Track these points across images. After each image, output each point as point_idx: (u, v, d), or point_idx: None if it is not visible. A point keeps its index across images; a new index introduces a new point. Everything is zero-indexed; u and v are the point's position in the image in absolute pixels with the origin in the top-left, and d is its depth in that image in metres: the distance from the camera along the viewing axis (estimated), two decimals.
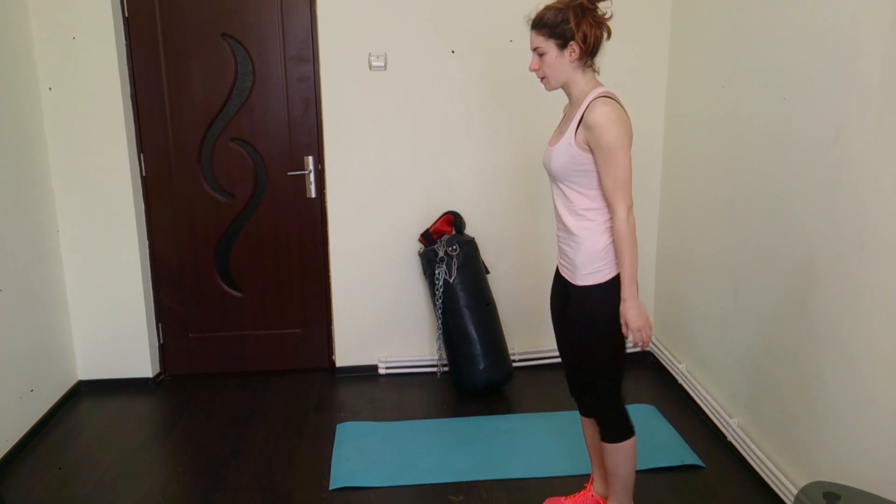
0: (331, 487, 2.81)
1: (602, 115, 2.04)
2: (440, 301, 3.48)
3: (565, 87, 2.20)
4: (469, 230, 3.74)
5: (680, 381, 3.58)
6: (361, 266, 3.76)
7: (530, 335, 3.90)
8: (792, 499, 2.53)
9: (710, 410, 3.24)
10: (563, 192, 2.21)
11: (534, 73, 2.21)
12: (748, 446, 2.88)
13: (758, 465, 2.80)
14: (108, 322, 3.67)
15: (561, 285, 2.34)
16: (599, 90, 2.13)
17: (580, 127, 2.10)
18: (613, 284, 2.18)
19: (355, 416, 3.39)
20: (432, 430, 3.23)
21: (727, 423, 3.06)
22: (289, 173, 3.71)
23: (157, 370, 3.84)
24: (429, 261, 3.54)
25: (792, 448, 2.62)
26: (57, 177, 3.50)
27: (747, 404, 2.95)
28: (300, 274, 3.83)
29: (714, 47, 3.17)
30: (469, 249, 3.55)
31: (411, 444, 3.11)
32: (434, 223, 3.63)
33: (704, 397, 3.30)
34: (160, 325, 3.84)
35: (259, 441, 3.19)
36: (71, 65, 3.39)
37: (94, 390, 3.71)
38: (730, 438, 3.04)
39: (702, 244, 3.34)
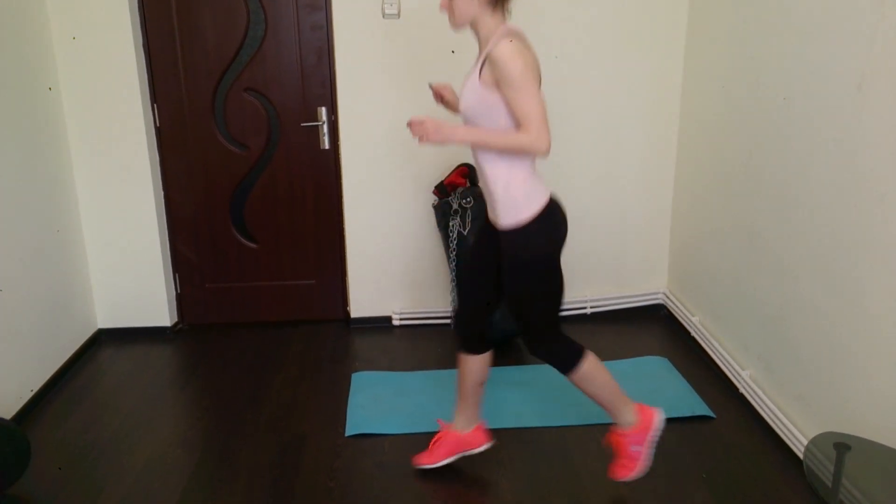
0: (346, 434, 2.86)
1: (505, 49, 2.02)
2: (454, 253, 3.49)
3: (473, 28, 2.17)
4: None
5: (693, 333, 3.59)
6: (375, 218, 3.77)
7: None
8: (802, 449, 2.56)
9: (722, 363, 3.25)
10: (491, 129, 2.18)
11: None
12: (759, 398, 2.90)
13: (769, 416, 2.83)
14: (126, 272, 3.71)
15: (488, 231, 2.35)
16: (506, 27, 2.12)
17: (485, 65, 2.08)
18: (537, 223, 2.18)
19: (370, 366, 3.43)
20: (445, 380, 3.26)
21: (739, 374, 3.07)
22: (302, 124, 3.69)
23: (175, 319, 3.90)
24: (443, 213, 3.53)
25: (803, 399, 2.63)
26: (72, 128, 3.50)
27: (760, 356, 2.95)
28: (314, 225, 3.85)
29: None
30: (482, 202, 3.53)
31: (425, 393, 3.15)
32: (448, 175, 3.61)
33: (717, 350, 3.31)
34: (177, 275, 3.88)
35: (275, 389, 3.24)
36: (84, 16, 3.36)
37: (114, 338, 3.78)
38: (741, 390, 3.06)
39: (717, 196, 3.31)
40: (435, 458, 2.60)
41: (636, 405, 2.44)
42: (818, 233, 2.50)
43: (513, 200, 2.19)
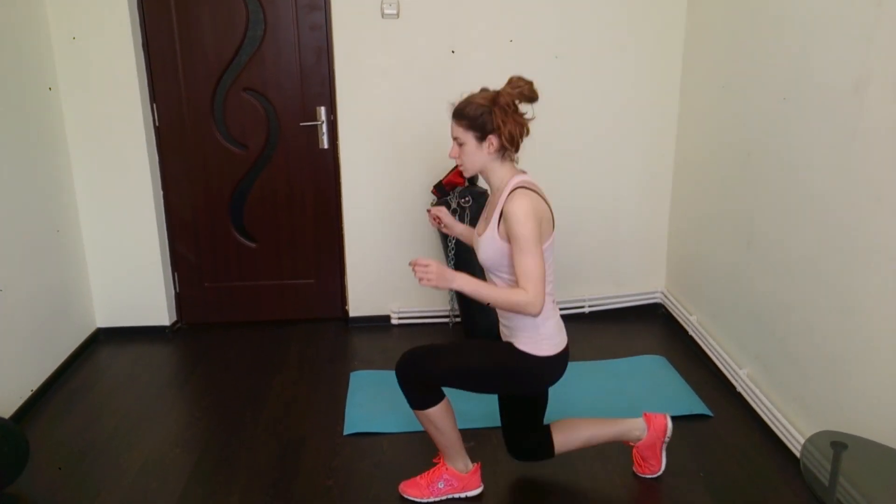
0: (345, 433, 2.87)
1: (518, 209, 2.08)
2: (452, 252, 3.50)
3: (483, 175, 2.25)
4: (482, 182, 3.73)
5: (691, 332, 3.60)
6: (374, 217, 3.77)
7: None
8: (799, 448, 2.56)
9: (719, 361, 3.26)
10: (495, 281, 2.26)
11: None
12: (757, 396, 2.91)
13: (766, 415, 2.83)
14: (125, 271, 3.72)
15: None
16: (517, 180, 2.18)
17: (501, 219, 2.15)
18: (547, 363, 2.24)
19: (368, 365, 3.44)
20: None
21: (737, 373, 3.08)
22: (301, 124, 3.70)
23: (174, 319, 3.90)
24: None
25: (800, 398, 2.64)
26: (71, 127, 3.50)
27: (757, 356, 2.96)
28: (314, 225, 3.85)
29: None
30: (482, 201, 3.54)
31: None
32: (447, 175, 3.61)
33: (715, 349, 3.32)
34: (176, 274, 3.88)
35: (274, 388, 3.25)
36: (84, 16, 3.36)
37: (113, 338, 3.78)
38: (739, 389, 3.06)
39: (715, 197, 3.32)
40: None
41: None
42: (816, 232, 2.50)
43: (535, 334, 2.24)
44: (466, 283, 2.13)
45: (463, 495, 2.47)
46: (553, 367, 2.28)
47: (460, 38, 3.55)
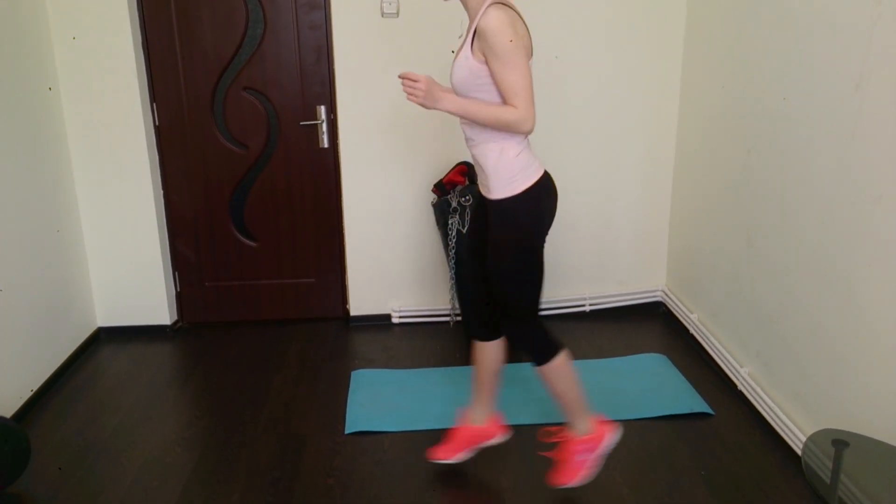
0: (346, 432, 2.87)
1: (494, 20, 1.98)
2: (453, 251, 3.49)
3: (462, 1, 2.14)
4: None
5: (692, 331, 3.60)
6: (375, 216, 3.77)
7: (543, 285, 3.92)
8: (801, 446, 2.56)
9: (720, 360, 3.26)
10: (478, 101, 2.16)
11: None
12: (758, 395, 2.91)
13: (767, 413, 2.83)
14: (126, 270, 3.72)
15: (481, 206, 2.32)
16: None
17: (475, 37, 2.05)
18: (529, 197, 2.16)
19: (369, 364, 3.44)
20: (445, 378, 3.27)
21: (738, 372, 3.08)
22: (301, 123, 3.70)
23: (175, 318, 3.90)
24: (442, 211, 3.54)
25: (802, 397, 2.64)
26: (72, 127, 3.50)
27: (758, 354, 2.96)
28: (314, 224, 3.85)
29: None
30: (477, 203, 3.54)
31: (424, 391, 3.16)
32: (447, 173, 3.62)
33: (716, 347, 3.32)
34: (177, 273, 3.88)
35: (275, 387, 3.25)
36: (84, 16, 3.36)
37: (114, 337, 3.78)
38: (740, 387, 3.06)
39: (716, 195, 3.32)
40: (451, 453, 2.58)
41: (595, 417, 2.44)
42: (816, 231, 2.50)
43: (507, 171, 2.16)
44: (453, 103, 2.08)
45: (603, 449, 2.44)
46: (538, 196, 2.19)
47: (461, 32, 3.55)
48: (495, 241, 2.24)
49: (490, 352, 2.47)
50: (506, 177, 2.16)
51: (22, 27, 3.15)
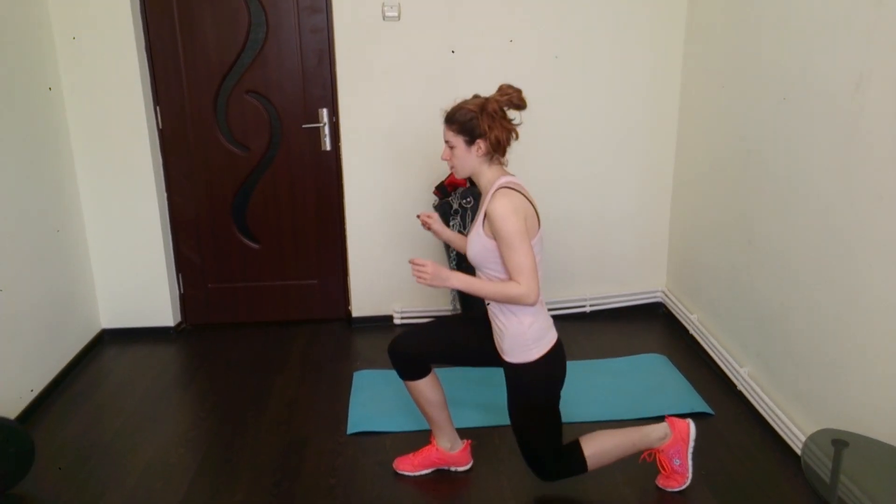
0: (348, 432, 2.88)
1: (499, 207, 2.14)
2: (454, 253, 3.51)
3: (474, 178, 2.32)
4: None
5: (692, 331, 3.61)
6: (376, 218, 3.79)
7: (544, 286, 3.93)
8: (800, 445, 2.57)
9: (720, 360, 3.27)
10: (484, 279, 2.30)
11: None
12: (758, 395, 2.92)
13: (767, 413, 2.84)
14: (130, 272, 3.74)
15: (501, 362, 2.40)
16: (502, 181, 2.23)
17: (486, 219, 2.20)
18: (540, 365, 2.27)
19: (371, 365, 3.46)
20: (446, 378, 3.26)
21: (738, 372, 3.09)
22: (303, 126, 3.71)
23: (178, 319, 3.92)
24: (443, 213, 3.55)
25: (801, 397, 2.65)
26: (75, 130, 3.53)
27: (758, 354, 2.97)
28: (316, 226, 3.87)
29: None
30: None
31: None
32: (449, 175, 3.63)
33: (716, 347, 3.33)
34: (180, 275, 3.90)
35: (278, 388, 3.26)
36: (86, 19, 3.38)
37: (118, 338, 3.80)
38: (740, 387, 3.07)
39: (716, 196, 3.33)
40: (413, 468, 2.63)
41: (668, 419, 2.48)
42: (816, 231, 2.51)
43: (522, 339, 2.27)
44: (461, 281, 2.23)
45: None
46: (551, 365, 2.30)
47: (461, 39, 3.57)
48: (515, 402, 2.36)
49: (427, 388, 2.52)
50: (520, 344, 2.28)
51: (22, 26, 3.17)
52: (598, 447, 2.40)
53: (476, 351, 2.45)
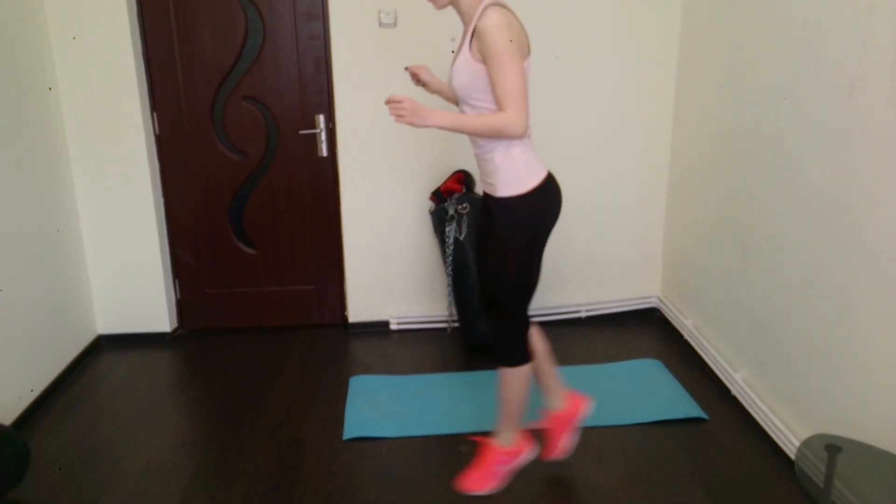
0: (344, 437, 2.89)
1: (490, 21, 2.01)
2: (450, 259, 3.52)
3: (455, 5, 2.17)
4: (479, 188, 3.76)
5: (686, 336, 3.63)
6: (373, 224, 3.80)
7: (539, 292, 3.94)
8: (794, 450, 2.59)
9: (715, 365, 3.28)
10: (469, 112, 2.20)
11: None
12: (752, 400, 2.93)
13: (761, 419, 2.86)
14: (126, 278, 3.74)
15: (485, 206, 2.35)
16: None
17: (473, 38, 2.08)
18: (534, 195, 2.20)
19: (368, 370, 3.46)
20: (442, 384, 3.29)
21: (732, 377, 3.10)
22: (300, 132, 3.73)
23: (175, 325, 3.92)
24: (439, 219, 3.57)
25: (795, 402, 2.66)
26: (72, 134, 3.53)
27: (753, 359, 2.99)
28: (313, 232, 3.88)
29: (726, 1, 3.13)
30: (478, 207, 3.57)
31: (422, 396, 3.18)
32: (445, 181, 3.65)
33: (710, 352, 3.34)
34: (177, 281, 3.91)
35: (275, 393, 3.27)
36: (83, 23, 3.40)
37: (114, 344, 3.80)
38: (734, 392, 3.09)
39: (710, 201, 3.35)
40: (554, 446, 2.60)
41: (522, 434, 2.50)
42: (810, 237, 2.53)
43: (513, 170, 2.19)
44: (443, 118, 2.10)
45: (519, 462, 2.55)
46: (546, 194, 2.24)
47: (459, 38, 3.58)
48: (498, 237, 2.27)
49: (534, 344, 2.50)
50: (512, 175, 2.20)
51: (20, 26, 3.18)
52: (526, 380, 2.39)
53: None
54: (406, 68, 2.46)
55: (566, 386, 2.65)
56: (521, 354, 2.36)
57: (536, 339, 2.54)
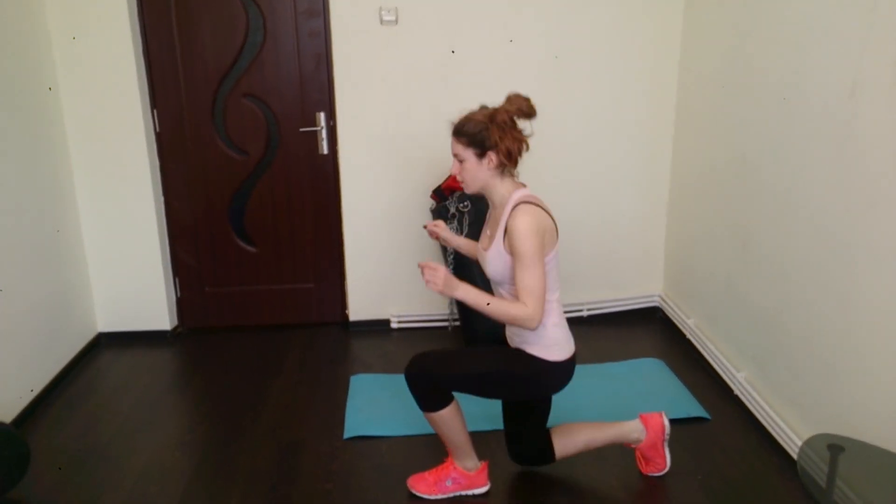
0: (344, 437, 2.88)
1: (522, 225, 2.12)
2: (451, 257, 3.51)
3: (485, 192, 2.29)
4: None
5: (688, 336, 3.62)
6: (373, 222, 3.79)
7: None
8: (796, 450, 2.58)
9: (717, 365, 3.27)
10: (502, 294, 2.31)
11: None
12: (754, 399, 2.92)
13: (763, 418, 2.85)
14: (127, 276, 3.73)
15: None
16: (519, 195, 2.21)
17: (506, 234, 2.19)
18: (559, 368, 2.29)
19: (368, 369, 3.45)
20: None
21: (734, 377, 3.09)
22: (301, 130, 3.72)
23: (175, 323, 3.92)
24: (440, 217, 3.55)
25: (797, 401, 2.65)
26: (72, 133, 3.53)
27: (755, 359, 2.98)
28: (313, 230, 3.87)
29: (728, 2, 3.12)
30: (480, 206, 3.56)
31: None
32: (446, 179, 3.64)
33: (712, 352, 3.33)
34: (177, 279, 3.90)
35: (274, 392, 3.26)
36: (84, 21, 3.39)
37: (114, 342, 3.80)
38: (736, 392, 3.08)
39: (711, 201, 3.34)
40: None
41: (483, 466, 2.50)
42: (812, 236, 2.52)
43: (545, 338, 2.28)
44: (468, 294, 2.17)
45: (470, 493, 2.51)
46: (561, 372, 2.32)
47: (460, 40, 3.57)
48: (497, 354, 2.36)
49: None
50: (543, 343, 2.28)
51: (21, 26, 3.17)
52: (454, 417, 2.37)
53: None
54: (424, 226, 2.57)
55: (636, 417, 2.60)
56: (437, 400, 2.34)
57: (577, 429, 2.53)
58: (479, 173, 2.23)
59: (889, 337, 2.15)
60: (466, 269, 3.49)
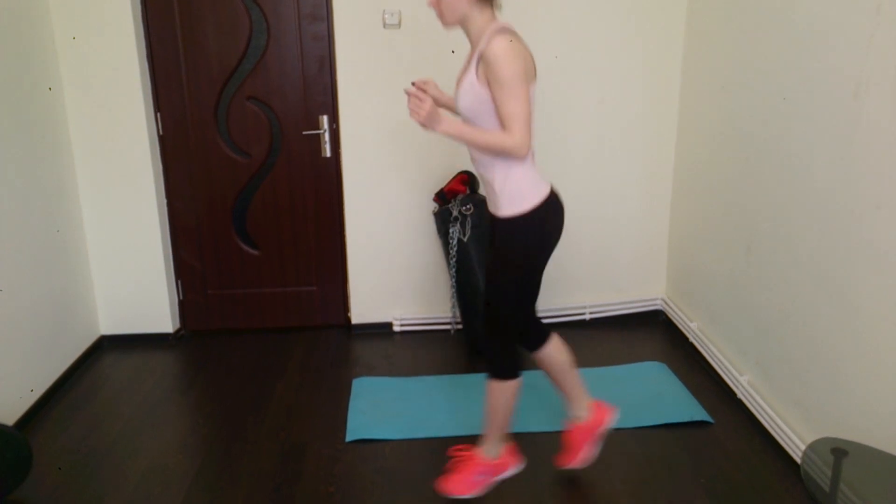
0: (347, 440, 2.88)
1: (500, 48, 2.02)
2: (454, 260, 3.51)
3: (463, 25, 2.18)
4: (483, 189, 3.75)
5: (691, 339, 3.61)
6: (376, 225, 3.79)
7: (543, 293, 3.93)
8: (800, 454, 2.57)
9: (720, 368, 3.27)
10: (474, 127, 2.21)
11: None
12: (757, 403, 2.92)
13: (767, 422, 2.84)
14: (129, 279, 3.74)
15: (491, 222, 2.37)
16: (497, 24, 2.12)
17: (480, 63, 2.10)
18: (537, 215, 2.20)
19: (371, 372, 3.45)
20: (445, 386, 3.28)
21: (737, 380, 3.09)
22: (304, 132, 3.72)
23: (178, 326, 3.92)
24: (443, 220, 3.56)
25: (801, 405, 2.65)
26: (75, 135, 3.53)
27: (758, 362, 2.97)
28: (316, 232, 3.87)
29: (732, 2, 3.12)
30: (483, 209, 3.56)
31: (425, 398, 3.17)
32: (448, 182, 3.64)
33: (715, 355, 3.33)
34: (180, 281, 3.90)
35: (277, 395, 3.26)
36: (87, 24, 3.39)
37: (117, 345, 3.80)
38: (739, 395, 3.07)
39: (715, 203, 3.34)
40: (574, 455, 2.59)
41: (509, 448, 2.52)
42: (815, 239, 2.52)
43: (516, 190, 2.20)
44: (452, 126, 2.13)
45: (501, 477, 2.54)
46: (547, 212, 2.24)
47: (461, 41, 3.57)
48: (498, 255, 2.29)
49: (547, 353, 2.52)
50: (515, 195, 2.21)
51: (24, 26, 3.18)
52: (513, 395, 2.38)
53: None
54: (413, 83, 2.47)
55: (591, 396, 2.63)
56: (510, 368, 2.36)
57: (559, 349, 2.55)
58: (457, 3, 2.12)
59: (893, 340, 2.14)
60: (469, 269, 3.49)
